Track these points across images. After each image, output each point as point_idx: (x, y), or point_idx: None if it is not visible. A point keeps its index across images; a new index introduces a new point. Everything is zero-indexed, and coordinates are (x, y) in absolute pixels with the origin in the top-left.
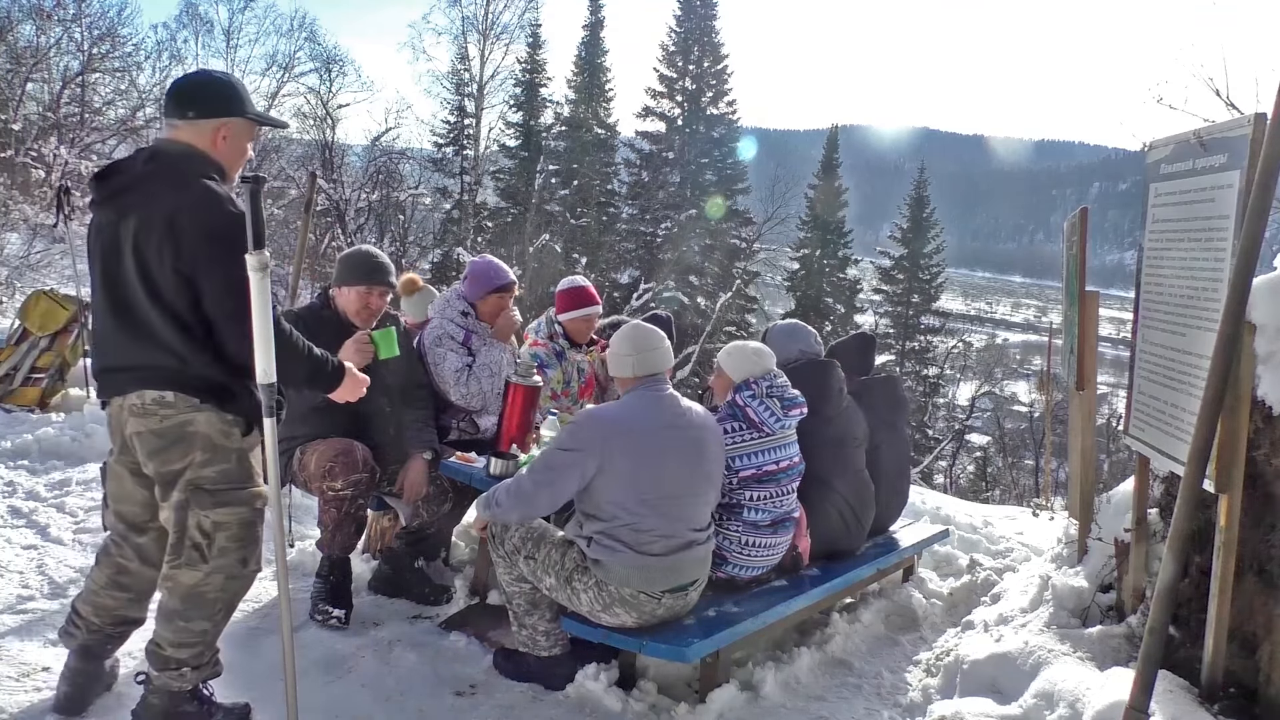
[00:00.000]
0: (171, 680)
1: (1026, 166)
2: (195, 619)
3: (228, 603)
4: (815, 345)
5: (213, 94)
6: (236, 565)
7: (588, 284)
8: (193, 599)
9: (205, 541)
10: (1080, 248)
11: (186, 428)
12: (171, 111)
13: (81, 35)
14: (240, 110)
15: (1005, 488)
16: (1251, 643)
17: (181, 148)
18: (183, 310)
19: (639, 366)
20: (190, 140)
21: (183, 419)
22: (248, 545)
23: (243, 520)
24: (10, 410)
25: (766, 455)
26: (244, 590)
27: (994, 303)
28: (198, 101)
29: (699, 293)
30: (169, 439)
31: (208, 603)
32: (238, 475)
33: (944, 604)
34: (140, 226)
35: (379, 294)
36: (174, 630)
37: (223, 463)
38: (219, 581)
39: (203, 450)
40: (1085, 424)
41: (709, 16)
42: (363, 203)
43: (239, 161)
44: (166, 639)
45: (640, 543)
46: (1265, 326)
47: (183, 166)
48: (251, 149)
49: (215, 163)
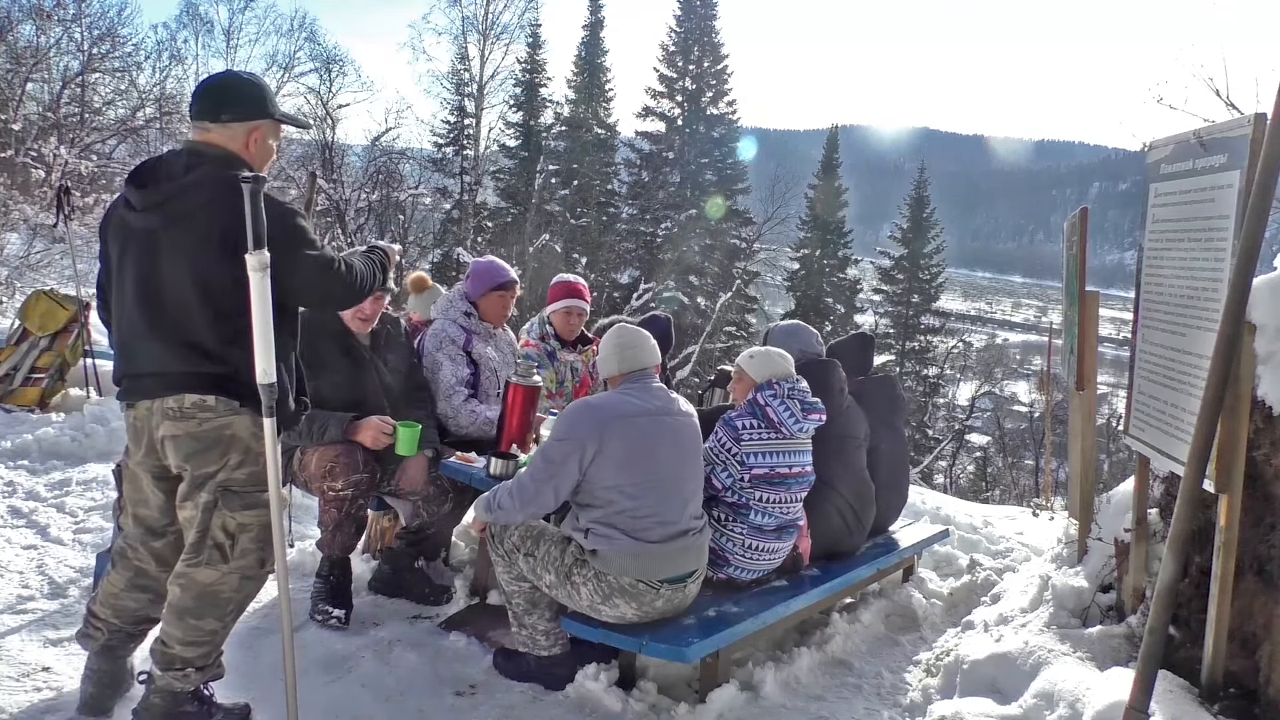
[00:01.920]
0: (175, 680)
1: (1026, 166)
2: (208, 617)
3: (240, 603)
4: (816, 345)
5: (246, 97)
6: (255, 566)
7: (577, 280)
8: (207, 597)
9: (229, 542)
10: (1080, 248)
11: (224, 431)
12: (204, 114)
13: (81, 35)
14: (270, 112)
15: (1005, 488)
16: (1251, 643)
17: (220, 152)
18: (235, 315)
19: (623, 363)
20: (224, 143)
21: (221, 423)
22: (266, 547)
23: (263, 523)
24: (10, 410)
25: (780, 457)
26: (256, 591)
27: (994, 303)
28: (232, 104)
29: (699, 293)
30: (206, 442)
31: (222, 602)
32: (263, 478)
33: (944, 604)
34: (193, 234)
35: (374, 297)
36: (184, 629)
37: (253, 465)
38: (235, 582)
39: (238, 453)
40: (1085, 424)
41: (709, 16)
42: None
43: (268, 162)
44: (175, 637)
45: (638, 529)
46: (1265, 326)
47: (229, 173)
48: (276, 148)
49: (248, 165)
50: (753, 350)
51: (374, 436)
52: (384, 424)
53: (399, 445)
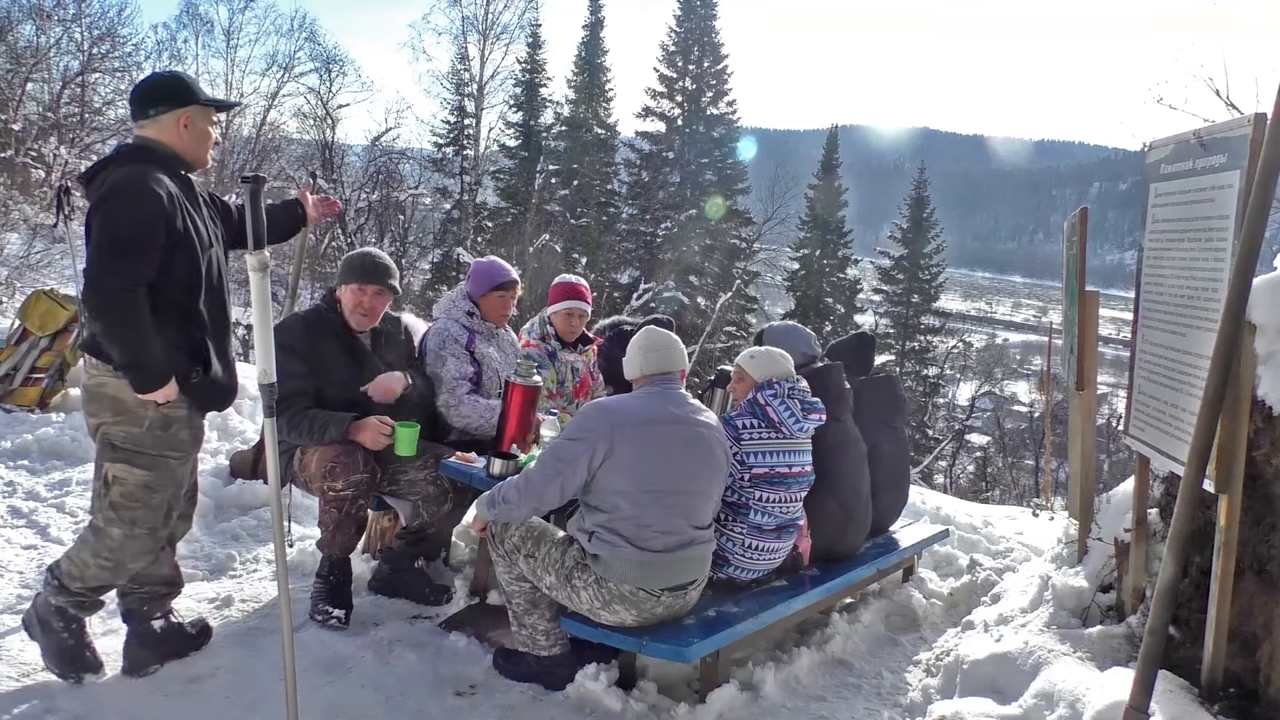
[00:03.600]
0: (45, 586)
1: (1026, 166)
2: (85, 550)
3: (122, 556)
4: (813, 347)
5: (167, 90)
6: (129, 525)
7: (579, 281)
8: (95, 531)
9: (104, 489)
10: (1080, 248)
11: (102, 388)
12: (136, 114)
13: (81, 35)
14: (193, 99)
15: (1005, 488)
16: (1251, 643)
17: (139, 141)
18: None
19: (647, 365)
20: (157, 136)
21: (101, 380)
22: (142, 510)
23: (141, 482)
24: (10, 410)
25: (780, 456)
26: (140, 551)
27: (994, 303)
28: (155, 99)
29: (699, 293)
30: (91, 393)
31: (108, 545)
32: (144, 442)
33: (944, 604)
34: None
35: (373, 293)
36: (74, 545)
37: (133, 427)
38: (117, 534)
39: (113, 411)
40: (1085, 424)
41: (709, 16)
42: (363, 203)
43: (206, 145)
44: (66, 551)
45: (641, 538)
46: (1265, 326)
47: (128, 158)
48: (216, 133)
49: (180, 153)
50: (753, 350)
51: (373, 437)
52: (383, 424)
53: (398, 445)
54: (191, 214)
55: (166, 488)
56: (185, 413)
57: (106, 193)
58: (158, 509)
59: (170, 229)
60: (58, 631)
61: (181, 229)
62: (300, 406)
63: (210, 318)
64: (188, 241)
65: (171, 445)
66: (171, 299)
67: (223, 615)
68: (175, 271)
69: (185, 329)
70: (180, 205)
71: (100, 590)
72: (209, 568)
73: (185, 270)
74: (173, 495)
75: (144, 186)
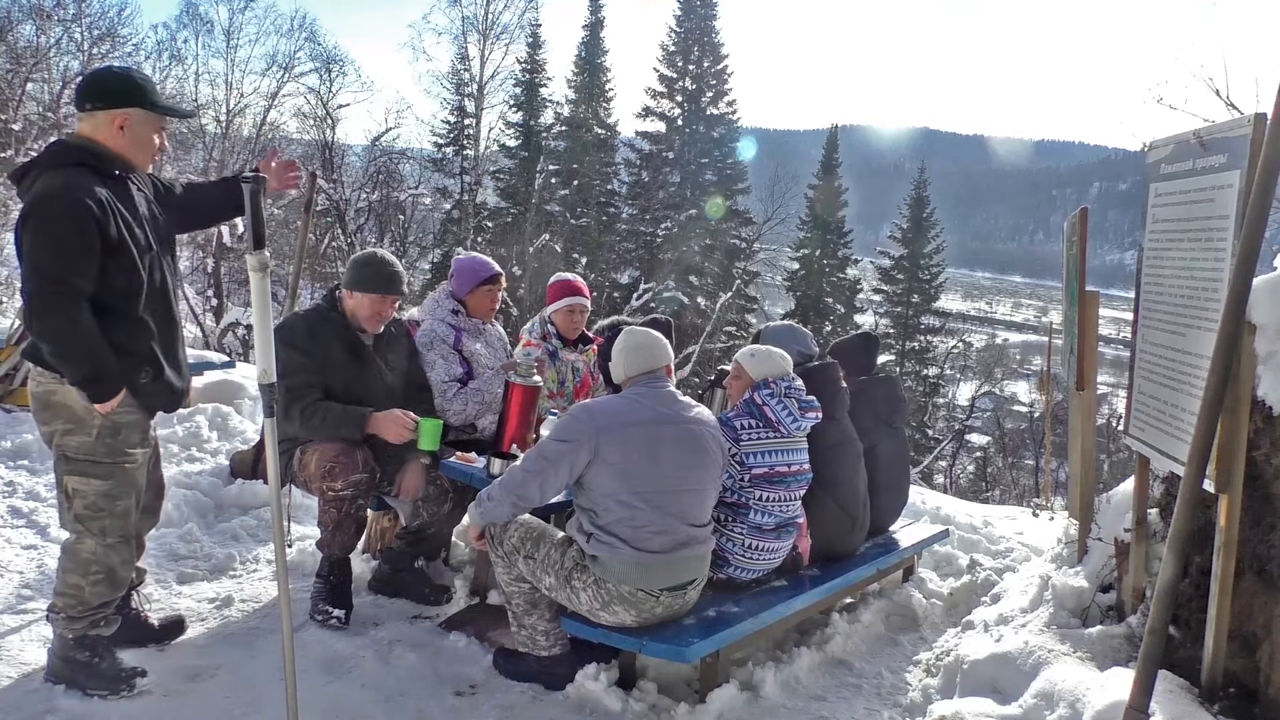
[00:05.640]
0: (55, 625)
1: (1026, 166)
2: (70, 572)
3: (107, 568)
4: (810, 346)
5: (110, 87)
6: (99, 535)
7: (576, 278)
8: (69, 553)
9: (67, 502)
10: (1080, 248)
11: (51, 396)
12: (77, 104)
13: (81, 35)
14: (137, 101)
15: (1005, 488)
16: (1251, 643)
17: (79, 142)
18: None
19: (630, 366)
20: (89, 133)
21: (48, 389)
22: (109, 519)
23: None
24: (10, 410)
25: (779, 456)
26: (118, 561)
27: (994, 303)
28: (95, 94)
29: (699, 293)
30: (40, 402)
31: (82, 561)
32: (96, 451)
33: (944, 604)
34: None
35: (392, 303)
36: (58, 580)
37: (84, 436)
38: (91, 545)
39: (64, 420)
40: (1085, 424)
41: (709, 16)
42: (363, 203)
43: (143, 151)
44: (55, 586)
45: (637, 538)
46: (1265, 326)
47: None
48: (161, 140)
49: (109, 153)
50: (753, 348)
51: (396, 431)
52: (406, 417)
53: (422, 440)
54: (126, 219)
55: (128, 493)
56: (135, 417)
57: (34, 205)
58: (124, 515)
59: (104, 238)
60: (87, 661)
61: (116, 236)
62: (312, 399)
63: (156, 323)
64: (123, 249)
65: (124, 451)
66: (109, 306)
67: (223, 615)
68: (112, 280)
69: (130, 335)
70: (113, 211)
71: (105, 606)
72: (209, 568)
73: (123, 277)
74: (136, 498)
75: (71, 199)
